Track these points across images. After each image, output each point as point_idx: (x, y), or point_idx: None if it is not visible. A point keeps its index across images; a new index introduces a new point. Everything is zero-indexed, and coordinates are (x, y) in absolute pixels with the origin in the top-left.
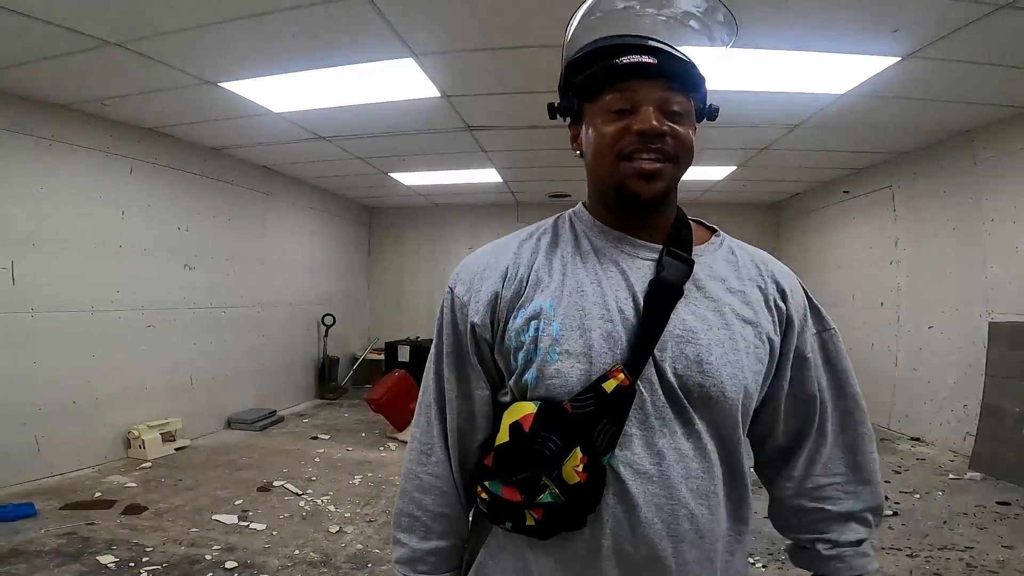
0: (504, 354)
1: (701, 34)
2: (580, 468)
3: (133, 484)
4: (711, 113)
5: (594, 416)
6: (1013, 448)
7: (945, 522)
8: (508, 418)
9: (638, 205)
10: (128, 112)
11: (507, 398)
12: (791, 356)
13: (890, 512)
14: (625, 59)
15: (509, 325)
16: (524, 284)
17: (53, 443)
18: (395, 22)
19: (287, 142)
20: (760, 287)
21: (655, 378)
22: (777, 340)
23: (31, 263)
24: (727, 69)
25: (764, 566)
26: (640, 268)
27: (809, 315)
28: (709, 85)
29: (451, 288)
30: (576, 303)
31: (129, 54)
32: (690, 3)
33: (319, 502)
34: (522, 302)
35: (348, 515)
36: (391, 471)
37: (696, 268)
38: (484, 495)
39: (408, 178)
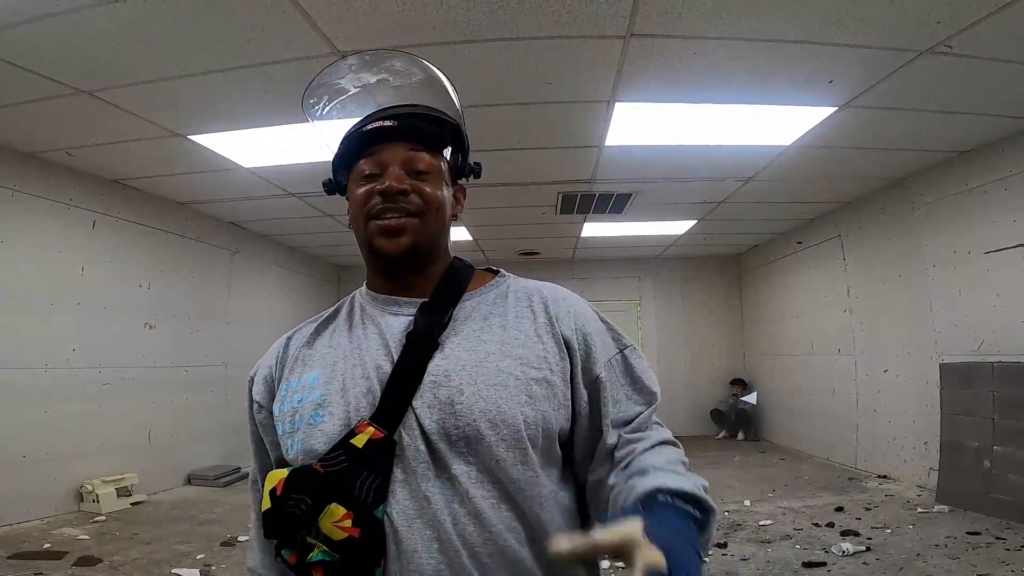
0: (275, 426)
1: (446, 99)
2: (347, 524)
3: (86, 536)
4: (475, 171)
5: (349, 471)
6: (976, 480)
7: (919, 555)
8: (267, 486)
9: (390, 263)
10: (94, 162)
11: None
12: (581, 379)
13: (863, 547)
14: (369, 125)
15: (276, 398)
16: (292, 361)
17: (1, 495)
18: None
19: (255, 197)
20: (529, 318)
21: (415, 426)
22: (559, 366)
23: None
24: (684, 126)
25: None
26: (399, 325)
27: (597, 337)
28: (660, 139)
29: (250, 377)
30: (337, 370)
31: (99, 103)
32: (425, 71)
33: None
34: (286, 376)
35: None
36: None
37: (456, 313)
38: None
39: None
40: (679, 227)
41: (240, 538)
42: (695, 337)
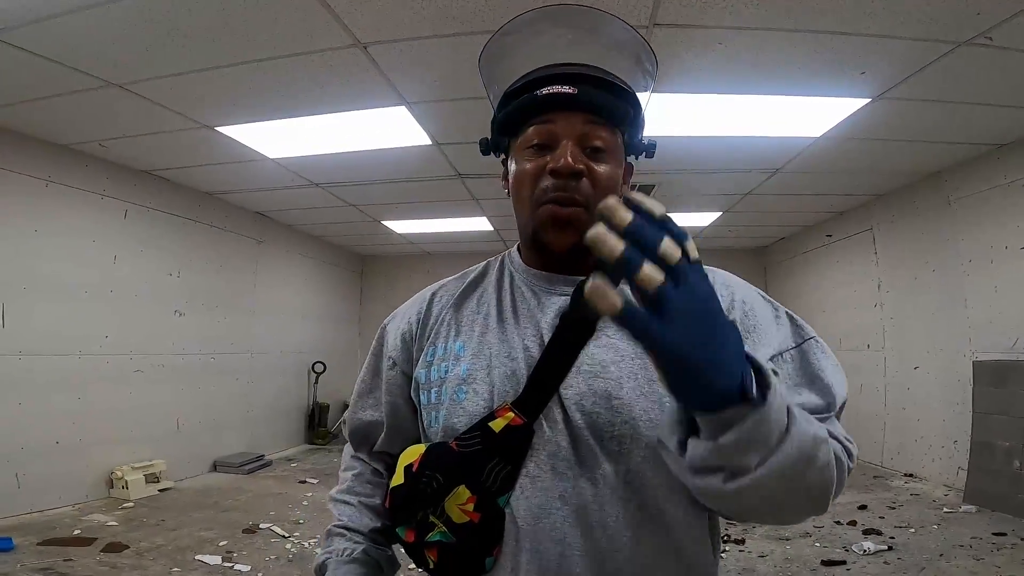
0: (415, 392)
1: (632, 67)
2: (470, 508)
3: (114, 523)
4: (648, 149)
5: (481, 455)
6: (1006, 480)
7: (942, 555)
8: (403, 461)
9: (553, 255)
10: (125, 154)
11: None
12: None
13: (885, 547)
14: (545, 90)
15: (419, 363)
16: (435, 322)
17: (34, 481)
18: (388, 71)
19: (281, 188)
20: None
21: (559, 417)
22: None
23: (22, 306)
24: (709, 117)
25: None
26: (552, 305)
27: (767, 329)
28: (683, 130)
29: (384, 324)
30: (484, 344)
31: (130, 95)
32: (620, 33)
33: (306, 544)
34: (431, 339)
35: None
36: None
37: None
38: (400, 542)
39: (400, 226)
40: (703, 219)
41: (261, 526)
42: None
